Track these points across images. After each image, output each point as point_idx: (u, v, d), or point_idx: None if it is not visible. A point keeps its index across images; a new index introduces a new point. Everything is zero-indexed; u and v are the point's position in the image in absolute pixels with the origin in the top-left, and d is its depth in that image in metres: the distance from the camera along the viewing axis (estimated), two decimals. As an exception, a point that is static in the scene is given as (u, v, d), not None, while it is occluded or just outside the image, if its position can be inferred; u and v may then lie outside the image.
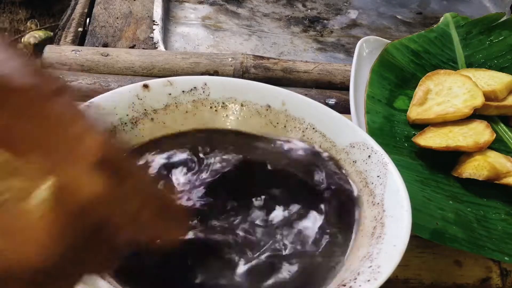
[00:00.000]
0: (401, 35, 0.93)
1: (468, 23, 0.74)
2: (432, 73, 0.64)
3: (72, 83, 0.64)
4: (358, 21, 1.01)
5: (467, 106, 0.58)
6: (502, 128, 0.60)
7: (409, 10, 1.06)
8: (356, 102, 0.59)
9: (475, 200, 0.52)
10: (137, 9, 0.86)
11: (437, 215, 0.49)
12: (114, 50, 0.71)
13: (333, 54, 0.91)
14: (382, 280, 0.35)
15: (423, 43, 0.70)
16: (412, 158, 0.55)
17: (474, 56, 0.70)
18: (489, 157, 0.54)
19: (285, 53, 0.89)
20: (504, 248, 0.48)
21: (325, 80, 0.73)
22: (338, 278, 0.38)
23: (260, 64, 0.72)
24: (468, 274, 0.50)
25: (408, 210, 0.40)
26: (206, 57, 0.72)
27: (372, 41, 0.69)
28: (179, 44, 0.87)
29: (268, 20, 0.97)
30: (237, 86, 0.51)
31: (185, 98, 0.50)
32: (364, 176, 0.45)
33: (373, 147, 0.46)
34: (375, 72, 0.63)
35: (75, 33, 0.79)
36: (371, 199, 0.43)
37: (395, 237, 0.38)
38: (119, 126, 0.46)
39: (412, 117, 0.60)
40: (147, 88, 0.48)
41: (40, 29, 1.43)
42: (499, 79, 0.62)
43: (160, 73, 0.68)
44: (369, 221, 0.42)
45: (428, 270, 0.49)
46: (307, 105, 0.50)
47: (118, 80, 0.66)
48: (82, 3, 0.86)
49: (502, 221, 0.51)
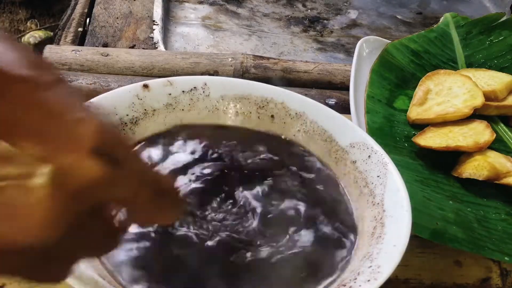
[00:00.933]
0: (401, 35, 0.93)
1: (468, 23, 0.74)
2: (432, 73, 0.64)
3: (72, 83, 0.64)
4: (358, 21, 1.01)
5: (467, 106, 0.58)
6: (502, 128, 0.60)
7: (409, 10, 1.06)
8: (356, 102, 0.59)
9: (475, 200, 0.52)
10: (137, 9, 0.86)
11: (437, 215, 0.49)
12: (114, 50, 0.71)
13: (333, 54, 0.91)
14: (382, 280, 0.35)
15: (423, 43, 0.70)
16: (412, 158, 0.55)
17: (474, 56, 0.70)
18: (489, 157, 0.54)
19: (285, 53, 0.89)
20: (504, 248, 0.48)
21: (325, 80, 0.73)
22: (338, 279, 0.38)
23: (260, 64, 0.72)
24: (468, 274, 0.50)
25: (408, 210, 0.40)
26: (206, 57, 0.72)
27: (372, 41, 0.69)
28: (179, 44, 0.87)
29: (268, 20, 0.97)
30: (237, 86, 0.51)
31: (185, 98, 0.50)
32: (364, 176, 0.45)
33: (373, 147, 0.46)
34: (375, 72, 0.63)
35: (75, 33, 0.79)
36: (371, 199, 0.43)
37: (395, 237, 0.38)
38: (119, 126, 0.46)
39: (412, 117, 0.60)
40: (147, 88, 0.48)
41: (40, 29, 1.43)
42: (499, 79, 0.62)
43: (160, 73, 0.68)
44: (369, 221, 0.42)
45: (428, 270, 0.49)
46: (307, 105, 0.50)
47: (118, 80, 0.66)
48: (82, 3, 0.86)
49: (502, 221, 0.51)
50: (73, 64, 0.68)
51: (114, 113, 0.46)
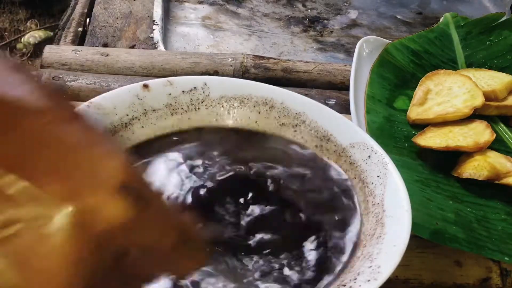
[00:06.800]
0: (401, 35, 0.93)
1: (468, 23, 0.74)
2: (432, 73, 0.64)
3: (72, 83, 0.64)
4: (358, 21, 1.01)
5: (467, 106, 0.58)
6: (502, 128, 0.60)
7: (409, 10, 1.06)
8: (356, 102, 0.59)
9: (475, 200, 0.52)
10: (137, 9, 0.86)
11: (437, 215, 0.49)
12: (114, 50, 0.71)
13: (333, 54, 0.91)
14: (382, 280, 0.35)
15: (423, 43, 0.70)
16: (412, 158, 0.55)
17: (474, 56, 0.70)
18: (489, 157, 0.54)
19: (285, 53, 0.89)
20: (504, 248, 0.48)
21: (325, 80, 0.72)
22: (338, 279, 0.38)
23: (260, 64, 0.72)
24: (468, 274, 0.50)
25: (408, 210, 0.40)
26: (206, 57, 0.72)
27: (372, 41, 0.69)
28: (179, 44, 0.87)
29: (268, 20, 0.97)
30: (237, 86, 0.51)
31: (185, 98, 0.50)
32: (364, 176, 0.45)
33: (373, 147, 0.46)
34: (375, 72, 0.63)
35: (75, 33, 0.79)
36: (371, 199, 0.43)
37: (395, 237, 0.38)
38: (119, 126, 0.46)
39: (412, 117, 0.60)
40: (147, 88, 0.48)
41: (40, 29, 1.43)
42: (499, 79, 0.62)
43: (160, 73, 0.68)
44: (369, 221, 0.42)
45: (428, 270, 0.49)
46: (307, 105, 0.50)
47: (118, 80, 0.66)
48: (82, 3, 0.86)
49: (502, 221, 0.51)
50: (73, 64, 0.68)
51: (114, 113, 0.46)
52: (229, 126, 0.50)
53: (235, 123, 0.50)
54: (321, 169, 0.47)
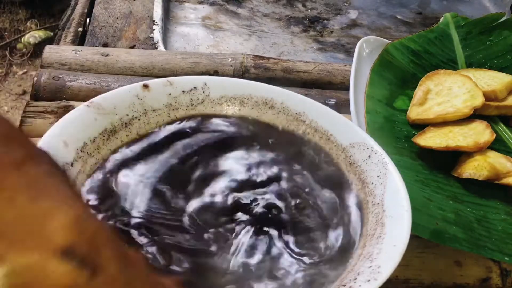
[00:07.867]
0: (401, 35, 0.93)
1: (468, 23, 0.74)
2: (432, 73, 0.64)
3: (72, 83, 0.64)
4: (358, 21, 1.01)
5: (467, 106, 0.58)
6: (502, 128, 0.60)
7: (409, 10, 1.06)
8: (356, 102, 0.59)
9: (475, 200, 0.52)
10: (137, 9, 0.86)
11: (437, 215, 0.49)
12: (114, 50, 0.71)
13: (333, 54, 0.91)
14: (382, 280, 0.35)
15: (423, 43, 0.70)
16: (412, 158, 0.55)
17: (474, 56, 0.70)
18: (489, 157, 0.54)
19: (285, 53, 0.89)
20: (504, 248, 0.48)
21: (325, 80, 0.72)
22: (338, 279, 0.38)
23: (260, 64, 0.72)
24: (468, 274, 0.50)
25: (408, 210, 0.40)
26: (206, 57, 0.72)
27: (372, 41, 0.69)
28: (179, 44, 0.87)
29: (268, 20, 0.97)
30: (237, 86, 0.51)
31: (185, 98, 0.50)
32: (364, 176, 0.45)
33: (373, 147, 0.46)
34: (375, 72, 0.63)
35: (75, 33, 0.79)
36: (371, 199, 0.43)
37: (395, 237, 0.38)
38: (119, 126, 0.46)
39: (412, 117, 0.60)
40: (147, 88, 0.48)
41: (40, 29, 1.43)
42: (499, 79, 0.62)
43: (160, 73, 0.68)
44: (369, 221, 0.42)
45: (428, 270, 0.49)
46: (307, 105, 0.50)
47: (118, 80, 0.66)
48: (82, 3, 0.86)
49: (502, 221, 0.51)
50: (73, 64, 0.68)
51: (114, 113, 0.46)
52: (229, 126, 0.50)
53: (235, 122, 0.50)
54: (321, 168, 0.47)
